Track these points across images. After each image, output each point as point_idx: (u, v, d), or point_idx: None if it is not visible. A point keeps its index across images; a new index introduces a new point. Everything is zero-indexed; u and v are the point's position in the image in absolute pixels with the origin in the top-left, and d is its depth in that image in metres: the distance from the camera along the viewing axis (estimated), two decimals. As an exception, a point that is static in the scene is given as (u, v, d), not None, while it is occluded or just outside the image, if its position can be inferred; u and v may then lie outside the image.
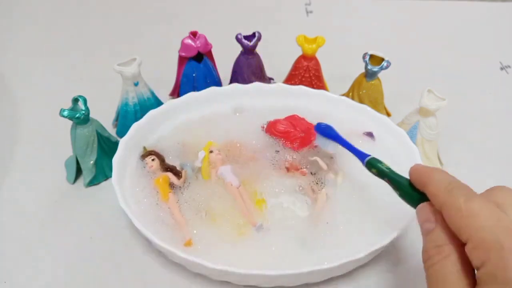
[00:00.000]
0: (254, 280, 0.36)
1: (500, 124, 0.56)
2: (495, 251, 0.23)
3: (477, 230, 0.24)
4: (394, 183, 0.33)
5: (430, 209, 0.28)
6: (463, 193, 0.26)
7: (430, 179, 0.29)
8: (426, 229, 0.28)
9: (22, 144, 0.51)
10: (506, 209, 0.25)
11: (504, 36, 0.73)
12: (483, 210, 0.25)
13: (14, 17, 0.74)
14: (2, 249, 0.40)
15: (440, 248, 0.26)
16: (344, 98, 0.49)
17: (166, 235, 0.38)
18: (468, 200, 0.25)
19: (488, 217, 0.24)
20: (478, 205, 0.25)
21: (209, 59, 0.53)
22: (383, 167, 0.34)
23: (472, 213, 0.25)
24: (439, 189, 0.27)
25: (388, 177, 0.33)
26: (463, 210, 0.25)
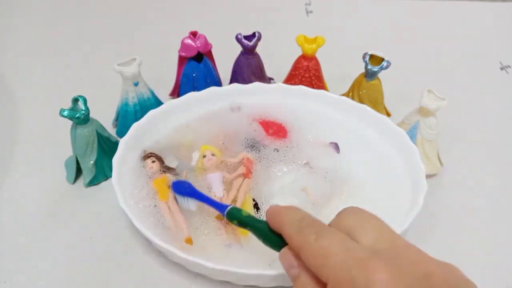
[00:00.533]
0: (254, 280, 0.36)
1: (500, 124, 0.56)
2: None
3: (331, 269, 0.24)
4: (255, 230, 0.31)
5: (292, 254, 0.27)
6: (313, 231, 0.26)
7: (283, 219, 0.28)
8: (292, 275, 0.27)
9: (22, 144, 0.51)
10: (355, 233, 0.25)
11: (504, 36, 0.73)
12: (333, 246, 0.24)
13: (14, 17, 0.74)
14: (2, 249, 0.40)
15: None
16: (344, 98, 0.49)
17: (166, 235, 0.38)
18: (318, 238, 0.25)
19: (338, 251, 0.24)
20: (328, 241, 0.25)
21: (209, 59, 0.53)
22: (243, 215, 0.33)
23: (324, 252, 0.24)
24: (291, 231, 0.27)
25: (249, 225, 0.32)
26: (315, 249, 0.25)
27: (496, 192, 0.47)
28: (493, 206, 0.46)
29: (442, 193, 0.46)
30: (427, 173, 0.42)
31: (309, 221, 0.27)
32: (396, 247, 0.25)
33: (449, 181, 0.48)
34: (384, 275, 0.22)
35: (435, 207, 0.44)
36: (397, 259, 0.23)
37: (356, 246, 0.24)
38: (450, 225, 0.43)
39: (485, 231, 0.43)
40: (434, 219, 0.43)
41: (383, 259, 0.23)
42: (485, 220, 0.44)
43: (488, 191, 0.47)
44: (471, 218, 0.44)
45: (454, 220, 0.44)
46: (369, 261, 0.23)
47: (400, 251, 0.25)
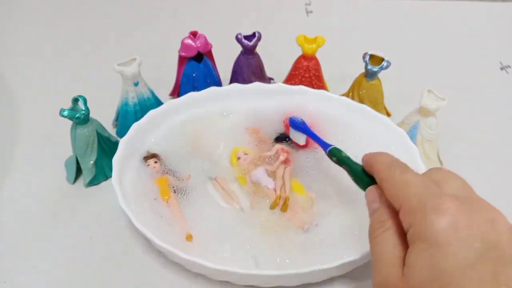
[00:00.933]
0: (254, 280, 0.36)
1: (500, 124, 0.56)
2: (420, 212, 0.25)
3: (407, 197, 0.26)
4: (350, 169, 0.35)
5: (377, 191, 0.30)
6: (399, 168, 0.29)
7: (376, 160, 0.31)
8: (373, 209, 0.30)
9: (22, 144, 0.51)
10: (440, 183, 0.27)
11: (504, 36, 0.73)
12: (414, 180, 0.27)
13: (14, 17, 0.74)
14: (2, 249, 0.40)
15: (383, 222, 0.28)
16: (344, 98, 0.49)
17: (166, 235, 0.38)
18: (402, 173, 0.28)
19: (418, 185, 0.26)
20: (411, 176, 0.27)
21: (209, 59, 0.53)
22: (342, 155, 0.37)
23: (405, 183, 0.27)
24: (381, 167, 0.30)
25: (346, 164, 0.36)
26: (397, 181, 0.28)
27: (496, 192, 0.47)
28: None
29: (442, 193, 0.46)
30: (427, 173, 0.42)
31: (398, 162, 0.30)
32: (473, 198, 0.27)
33: (449, 181, 0.48)
34: (454, 205, 0.24)
35: (435, 207, 0.44)
36: (470, 202, 0.25)
37: (434, 185, 0.27)
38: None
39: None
40: (434, 219, 0.43)
41: (457, 199, 0.25)
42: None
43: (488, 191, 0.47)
44: (471, 218, 0.44)
45: (454, 220, 0.44)
46: (443, 195, 0.25)
47: (475, 200, 0.26)
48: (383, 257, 0.26)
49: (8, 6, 0.77)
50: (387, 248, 0.26)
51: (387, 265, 0.26)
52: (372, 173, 0.31)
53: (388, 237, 0.27)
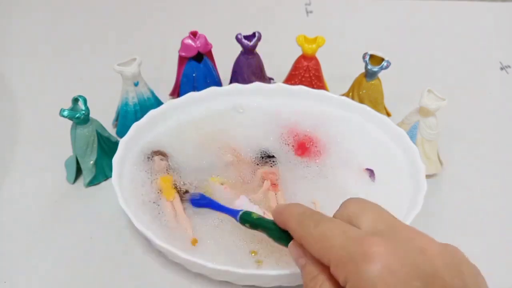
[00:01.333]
0: (254, 280, 0.36)
1: (500, 124, 0.56)
2: (350, 264, 0.24)
3: (330, 250, 0.25)
4: (265, 230, 0.33)
5: (299, 247, 0.29)
6: (313, 220, 0.27)
7: (286, 216, 0.30)
8: (300, 265, 0.28)
9: (22, 144, 0.51)
10: (356, 219, 0.27)
11: (504, 36, 0.73)
12: (331, 230, 0.26)
13: (14, 17, 0.74)
14: (2, 249, 0.40)
15: (315, 278, 0.27)
16: (344, 98, 0.49)
17: (166, 235, 0.38)
18: (316, 225, 0.27)
19: (336, 235, 0.25)
20: (326, 226, 0.26)
21: (209, 59, 0.53)
22: (253, 219, 0.34)
23: (323, 236, 0.26)
24: (293, 223, 0.29)
25: (261, 226, 0.33)
26: (315, 236, 0.26)
27: (496, 192, 0.47)
28: (493, 206, 0.46)
29: (442, 193, 0.46)
30: (427, 173, 0.42)
31: (309, 213, 0.29)
32: (394, 226, 0.26)
33: (449, 181, 0.48)
34: (381, 248, 0.23)
35: (435, 207, 0.44)
36: (393, 235, 0.25)
37: (352, 228, 0.26)
38: (450, 225, 0.43)
39: (485, 231, 0.43)
40: (434, 219, 0.43)
41: (379, 236, 0.24)
42: (485, 220, 0.44)
43: (488, 191, 0.47)
44: (471, 218, 0.44)
45: (454, 220, 0.44)
46: (366, 238, 0.24)
47: (398, 230, 0.26)
48: None
49: (8, 6, 0.76)
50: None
51: None
52: (288, 229, 0.30)
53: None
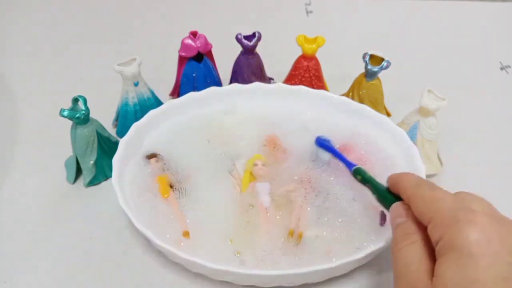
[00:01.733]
0: (254, 280, 0.36)
1: (500, 124, 0.56)
2: (452, 224, 0.25)
3: (437, 211, 0.27)
4: (374, 188, 0.36)
5: (402, 207, 0.31)
6: (428, 185, 0.30)
7: (402, 178, 0.32)
8: (397, 223, 0.30)
9: (22, 144, 0.51)
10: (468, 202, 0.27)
11: (504, 36, 0.73)
12: (445, 196, 0.28)
13: (14, 17, 0.74)
14: (2, 249, 0.40)
15: (408, 235, 0.28)
16: (344, 98, 0.49)
17: (166, 235, 0.38)
18: (432, 189, 0.29)
19: (449, 200, 0.27)
20: (441, 193, 0.28)
21: (209, 59, 0.53)
22: (367, 175, 0.38)
23: (436, 198, 0.28)
24: (409, 185, 0.31)
25: (370, 182, 0.37)
26: (427, 196, 0.28)
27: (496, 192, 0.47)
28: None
29: (442, 193, 0.46)
30: (427, 173, 0.42)
31: (426, 180, 0.31)
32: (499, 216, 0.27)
33: (449, 181, 0.48)
34: (485, 220, 0.25)
35: (435, 207, 0.44)
36: (498, 219, 0.26)
37: (464, 202, 0.27)
38: (450, 225, 0.43)
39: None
40: (434, 219, 0.43)
41: (487, 215, 0.25)
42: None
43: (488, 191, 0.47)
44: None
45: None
46: (475, 211, 0.26)
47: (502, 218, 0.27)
48: (409, 270, 0.26)
49: (8, 6, 0.76)
50: (413, 260, 0.26)
51: (414, 276, 0.26)
52: (399, 191, 0.32)
53: (415, 250, 0.27)
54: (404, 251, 0.27)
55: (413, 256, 0.27)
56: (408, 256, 0.27)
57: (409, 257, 0.27)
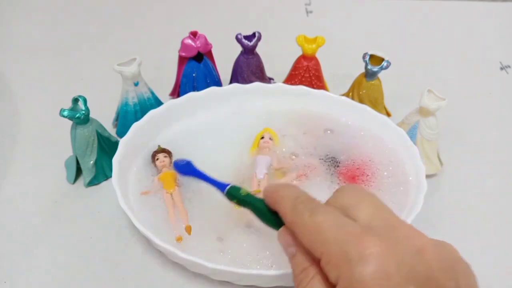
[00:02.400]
0: (254, 280, 0.36)
1: (500, 124, 0.56)
2: (343, 264, 0.23)
3: (324, 244, 0.24)
4: (254, 209, 0.31)
5: (289, 233, 0.27)
6: (308, 208, 0.26)
7: (279, 197, 0.28)
8: (290, 254, 0.27)
9: (22, 144, 0.51)
10: (352, 210, 0.25)
11: (504, 36, 0.73)
12: (327, 222, 0.24)
13: (14, 17, 0.74)
14: (2, 249, 0.40)
15: (306, 270, 0.25)
16: (344, 98, 0.49)
17: (166, 235, 0.38)
18: (312, 215, 0.25)
19: (332, 227, 0.24)
20: (322, 217, 0.25)
21: (209, 59, 0.53)
22: (242, 194, 0.32)
23: (317, 228, 0.24)
24: (286, 207, 0.27)
25: (248, 203, 0.31)
26: (309, 226, 0.25)
27: (496, 192, 0.47)
28: (493, 206, 0.46)
29: (442, 193, 0.46)
30: (427, 173, 0.42)
31: (304, 198, 0.27)
32: (391, 224, 0.25)
33: (449, 181, 0.48)
34: (377, 249, 0.22)
35: (435, 207, 0.44)
36: (390, 234, 0.24)
37: (349, 222, 0.24)
38: (450, 225, 0.43)
39: (485, 231, 0.43)
40: (434, 219, 0.43)
41: (376, 234, 0.23)
42: (485, 220, 0.44)
43: (488, 191, 0.47)
44: (471, 218, 0.44)
45: (454, 220, 0.44)
46: (362, 236, 0.23)
47: (395, 227, 0.25)
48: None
49: (8, 6, 0.76)
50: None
51: None
52: (278, 212, 0.28)
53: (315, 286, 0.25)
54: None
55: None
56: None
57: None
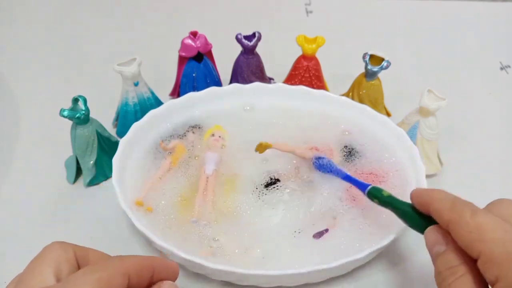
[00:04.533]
0: (254, 280, 0.36)
1: (500, 124, 0.56)
2: (507, 264, 0.23)
3: (487, 244, 0.24)
4: (397, 211, 0.32)
5: (439, 231, 0.28)
6: (468, 208, 0.26)
7: (432, 198, 0.29)
8: (436, 252, 0.27)
9: (22, 144, 0.51)
10: (510, 220, 0.25)
11: (504, 36, 0.73)
12: (490, 223, 0.25)
13: (14, 16, 0.74)
14: (2, 249, 0.40)
15: (454, 268, 0.26)
16: (344, 98, 0.49)
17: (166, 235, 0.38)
18: (474, 215, 0.25)
19: (496, 229, 0.24)
20: (485, 218, 0.25)
21: (209, 59, 0.53)
22: (384, 196, 0.34)
23: (480, 227, 0.25)
24: (443, 206, 0.27)
25: (391, 205, 0.33)
26: (470, 225, 0.25)
27: (496, 192, 0.47)
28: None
29: (442, 193, 0.46)
30: (427, 173, 0.42)
31: (463, 200, 0.27)
32: None
33: (449, 181, 0.48)
34: None
35: (435, 207, 0.44)
36: None
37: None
38: (450, 225, 0.43)
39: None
40: (434, 219, 0.43)
41: None
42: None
43: (488, 191, 0.47)
44: (471, 218, 0.44)
45: (454, 220, 0.44)
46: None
47: None
48: None
49: (8, 6, 0.76)
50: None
51: None
52: (430, 213, 0.29)
53: (465, 284, 0.25)
54: (454, 287, 0.25)
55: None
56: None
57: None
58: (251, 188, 0.42)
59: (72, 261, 0.27)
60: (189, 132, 0.47)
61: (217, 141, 0.45)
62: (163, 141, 0.45)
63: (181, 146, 0.45)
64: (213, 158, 0.44)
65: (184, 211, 0.40)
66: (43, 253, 0.28)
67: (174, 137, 0.46)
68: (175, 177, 0.43)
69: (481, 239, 0.24)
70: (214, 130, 0.47)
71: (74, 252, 0.27)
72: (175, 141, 0.46)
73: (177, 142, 0.46)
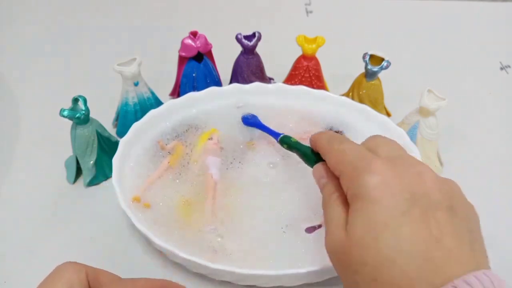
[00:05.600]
0: (254, 280, 0.36)
1: (500, 123, 0.56)
2: (353, 176, 0.27)
3: (344, 163, 0.29)
4: (299, 151, 0.38)
5: (323, 167, 0.32)
6: (338, 139, 0.32)
7: (318, 137, 0.34)
8: (322, 184, 0.32)
9: (22, 144, 0.51)
10: (375, 149, 0.29)
11: (504, 36, 0.73)
12: (351, 149, 0.30)
13: (14, 16, 0.74)
14: (2, 249, 0.40)
15: (332, 194, 0.30)
16: (344, 98, 0.49)
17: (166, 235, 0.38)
18: (340, 143, 0.31)
19: (353, 152, 0.29)
20: (347, 145, 0.30)
21: (209, 59, 0.53)
22: (292, 141, 0.39)
23: (342, 152, 0.30)
24: (323, 141, 0.33)
25: (296, 148, 0.38)
26: (336, 151, 0.30)
27: (496, 192, 0.47)
28: (493, 206, 0.45)
29: (442, 193, 0.46)
30: (427, 173, 0.42)
31: (337, 135, 0.33)
32: (402, 155, 0.29)
33: (449, 181, 0.48)
34: (383, 166, 0.27)
35: (435, 207, 0.44)
36: (398, 161, 0.28)
37: (368, 152, 0.29)
38: (450, 225, 0.43)
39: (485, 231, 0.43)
40: (434, 219, 0.43)
41: (387, 159, 0.28)
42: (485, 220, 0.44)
43: (488, 191, 0.47)
44: (471, 218, 0.44)
45: (454, 220, 0.44)
46: (374, 159, 0.28)
47: (405, 158, 0.29)
48: (332, 223, 0.28)
49: (8, 6, 0.77)
50: (334, 214, 0.29)
51: (335, 228, 0.28)
52: (317, 149, 0.34)
53: (335, 205, 0.29)
54: (328, 208, 0.30)
55: (334, 211, 0.29)
56: (330, 212, 0.29)
57: (331, 213, 0.29)
58: (251, 188, 0.42)
59: (84, 283, 0.28)
60: (189, 132, 0.46)
61: (216, 145, 0.45)
62: (162, 141, 0.45)
63: (181, 146, 0.45)
64: (216, 163, 0.44)
65: (186, 214, 0.40)
66: (56, 273, 0.28)
67: (174, 137, 0.46)
68: (175, 179, 0.42)
69: (341, 161, 0.29)
70: (211, 134, 0.46)
71: (86, 273, 0.28)
72: (174, 141, 0.46)
73: (176, 143, 0.45)
